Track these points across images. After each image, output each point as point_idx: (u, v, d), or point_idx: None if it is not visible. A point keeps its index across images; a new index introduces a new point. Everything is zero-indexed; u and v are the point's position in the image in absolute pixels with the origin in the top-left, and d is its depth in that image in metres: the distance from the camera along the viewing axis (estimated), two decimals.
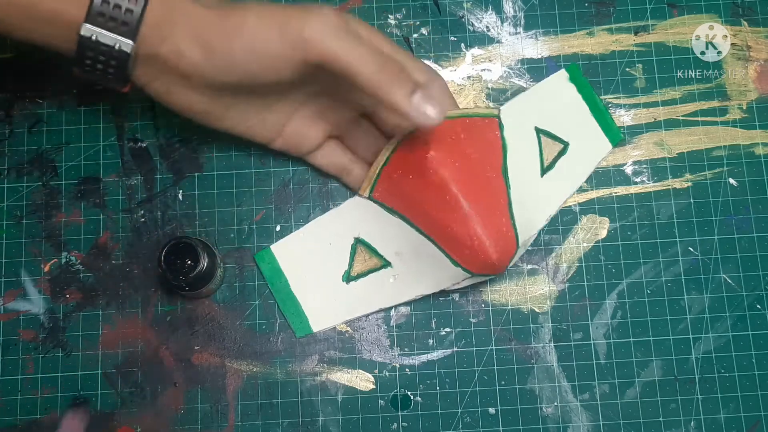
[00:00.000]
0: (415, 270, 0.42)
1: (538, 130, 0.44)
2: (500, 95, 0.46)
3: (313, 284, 0.42)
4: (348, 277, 0.42)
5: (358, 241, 0.42)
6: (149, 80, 0.37)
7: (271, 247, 0.43)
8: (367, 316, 0.43)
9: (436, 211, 0.39)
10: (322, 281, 0.42)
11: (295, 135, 0.42)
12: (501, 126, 0.42)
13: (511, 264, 0.41)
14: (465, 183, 0.39)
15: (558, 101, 0.45)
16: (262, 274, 0.43)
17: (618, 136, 0.45)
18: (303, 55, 0.34)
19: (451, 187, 0.38)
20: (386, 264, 0.42)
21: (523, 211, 0.41)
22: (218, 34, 0.34)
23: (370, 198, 0.42)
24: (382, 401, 0.43)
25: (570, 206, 0.45)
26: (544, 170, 0.43)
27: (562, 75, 0.45)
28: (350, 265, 0.42)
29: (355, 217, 0.42)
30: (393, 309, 0.43)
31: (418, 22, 0.47)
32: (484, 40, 0.47)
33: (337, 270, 0.42)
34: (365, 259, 0.42)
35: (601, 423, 0.42)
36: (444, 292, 0.43)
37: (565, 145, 0.44)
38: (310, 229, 0.43)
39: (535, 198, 0.42)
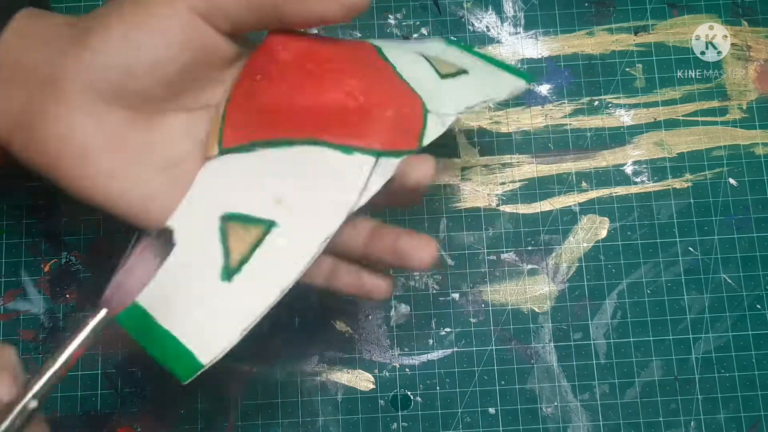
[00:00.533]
0: (308, 206, 0.29)
1: (425, 56, 0.33)
2: None
3: (186, 304, 0.30)
4: (228, 272, 0.29)
5: (226, 219, 0.30)
6: (10, 119, 0.28)
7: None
8: (272, 310, 0.30)
9: (299, 95, 0.29)
10: (197, 294, 0.30)
11: None
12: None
13: (433, 136, 0.30)
14: (322, 48, 0.30)
15: (442, 54, 0.36)
16: (123, 328, 0.30)
17: (528, 75, 0.37)
18: (187, 4, 0.28)
19: (308, 56, 0.30)
20: (269, 225, 0.29)
21: (428, 96, 0.31)
22: (90, 20, 0.28)
23: (222, 152, 0.30)
24: (382, 401, 0.43)
25: (570, 206, 0.45)
26: (443, 76, 0.33)
27: (438, 41, 0.38)
28: (226, 255, 0.29)
29: (211, 193, 0.30)
30: (393, 309, 0.43)
31: (418, 22, 0.47)
32: (484, 40, 0.47)
33: (212, 270, 0.30)
34: (242, 236, 0.29)
35: (601, 423, 0.42)
36: (445, 293, 0.43)
37: (463, 70, 0.34)
38: None
39: (437, 90, 0.32)
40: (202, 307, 0.29)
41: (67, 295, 0.43)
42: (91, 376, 0.42)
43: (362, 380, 0.43)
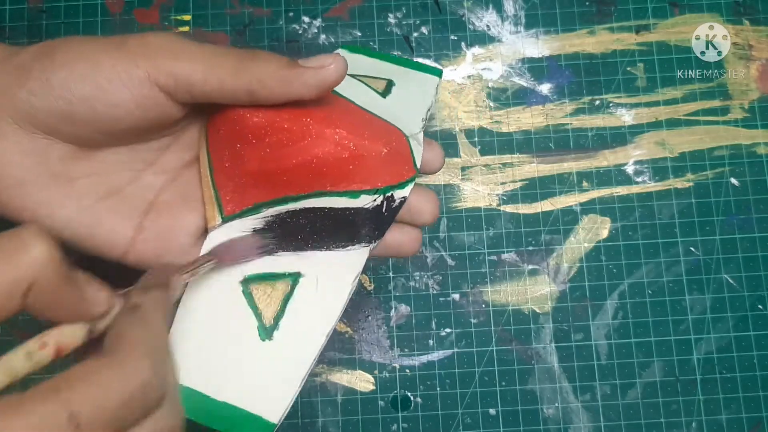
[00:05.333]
0: (331, 251, 0.31)
1: (351, 75, 0.34)
2: (501, 94, 0.46)
3: (235, 373, 0.30)
4: (266, 331, 0.30)
5: (248, 282, 0.30)
6: None
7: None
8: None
9: (288, 154, 0.29)
10: (243, 360, 0.30)
11: (161, 228, 0.30)
12: None
13: (420, 157, 0.31)
14: (289, 107, 0.30)
15: (356, 66, 0.36)
16: (190, 417, 0.28)
17: (438, 71, 0.36)
18: (146, 73, 0.27)
19: (280, 114, 0.29)
20: (296, 277, 0.30)
21: (393, 120, 0.32)
22: (34, 57, 0.27)
23: (225, 220, 0.31)
24: (382, 402, 0.42)
25: (571, 206, 0.45)
26: (383, 94, 0.34)
27: (340, 51, 0.38)
28: (258, 315, 0.30)
29: None
30: (393, 309, 0.43)
31: (418, 21, 0.47)
32: (484, 39, 0.47)
33: (249, 333, 0.30)
34: (270, 294, 0.30)
35: (602, 424, 0.42)
36: (445, 294, 0.43)
37: (389, 80, 0.35)
38: (184, 322, 0.30)
39: (392, 110, 0.33)
40: (252, 370, 0.30)
41: None
42: None
43: (362, 381, 0.43)
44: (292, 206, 0.30)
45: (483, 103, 0.46)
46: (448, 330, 0.43)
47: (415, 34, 0.47)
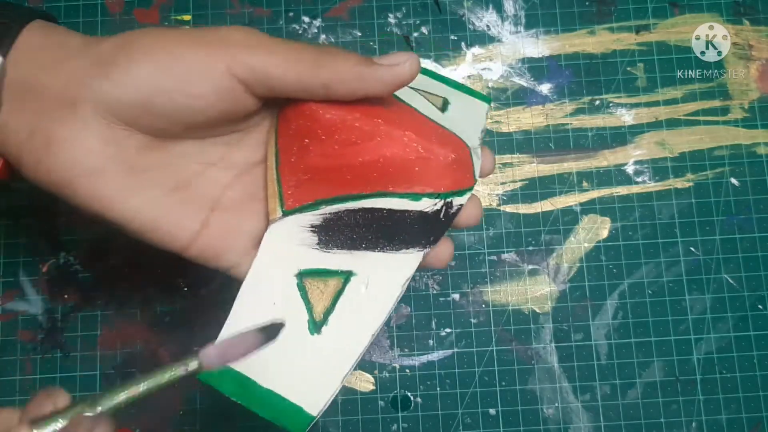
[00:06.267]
0: (384, 253, 0.31)
1: (411, 87, 0.35)
2: (501, 94, 0.46)
3: (282, 363, 0.31)
4: (316, 325, 0.31)
5: (302, 276, 0.31)
6: (18, 138, 0.27)
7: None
8: (367, 352, 0.34)
9: (355, 152, 0.30)
10: (290, 351, 0.31)
11: (226, 225, 0.30)
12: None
13: (478, 169, 0.32)
14: (361, 108, 0.30)
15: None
16: (225, 393, 0.31)
17: (488, 98, 0.37)
18: (226, 65, 0.27)
19: (352, 113, 0.30)
20: (348, 275, 0.31)
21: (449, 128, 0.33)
22: (114, 48, 0.27)
23: (285, 214, 0.31)
24: (382, 402, 0.42)
25: (571, 206, 0.45)
26: (441, 109, 0.34)
27: None
28: (309, 310, 0.31)
29: (282, 253, 0.31)
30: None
31: (418, 21, 0.47)
32: (484, 38, 0.47)
33: (300, 326, 0.31)
34: (322, 289, 0.31)
35: (602, 424, 0.42)
36: (445, 294, 0.43)
37: (444, 98, 0.35)
38: (242, 308, 0.31)
39: (451, 123, 0.33)
40: (298, 362, 0.30)
41: (66, 296, 0.43)
42: (90, 377, 0.42)
43: (362, 381, 0.43)
44: (351, 205, 0.31)
45: None
46: (448, 330, 0.43)
47: (415, 34, 0.47)
